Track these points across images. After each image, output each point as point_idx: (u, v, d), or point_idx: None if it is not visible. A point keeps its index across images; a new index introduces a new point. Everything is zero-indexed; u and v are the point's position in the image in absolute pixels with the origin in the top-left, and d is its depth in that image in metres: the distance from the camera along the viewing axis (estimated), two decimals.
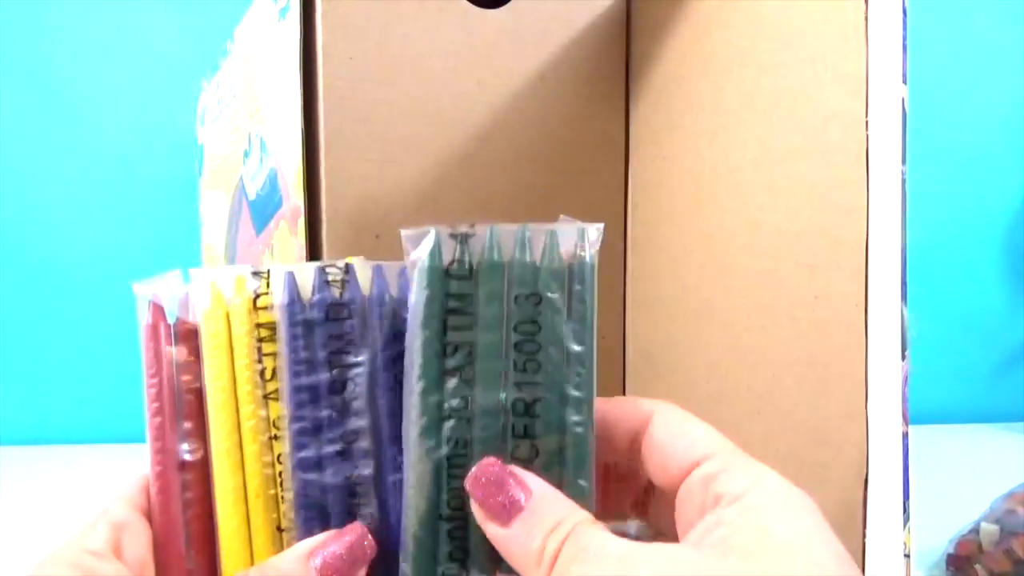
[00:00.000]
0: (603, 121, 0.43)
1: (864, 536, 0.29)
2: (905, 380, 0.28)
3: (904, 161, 0.28)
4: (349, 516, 0.24)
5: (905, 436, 0.28)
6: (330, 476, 0.24)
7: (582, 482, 0.22)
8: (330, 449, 0.24)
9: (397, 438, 0.24)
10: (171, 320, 0.26)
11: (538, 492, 0.21)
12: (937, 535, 0.44)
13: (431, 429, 0.22)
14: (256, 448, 0.24)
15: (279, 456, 0.24)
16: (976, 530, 0.42)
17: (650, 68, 0.42)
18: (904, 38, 0.28)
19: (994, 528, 0.42)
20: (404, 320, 0.23)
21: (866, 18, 0.28)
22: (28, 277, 0.78)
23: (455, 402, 0.22)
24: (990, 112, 0.85)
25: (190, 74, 0.61)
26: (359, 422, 0.24)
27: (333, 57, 0.36)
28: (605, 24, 0.43)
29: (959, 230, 0.86)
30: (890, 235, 0.28)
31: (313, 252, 0.36)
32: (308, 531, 0.24)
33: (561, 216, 0.24)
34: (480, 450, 0.22)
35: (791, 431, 0.33)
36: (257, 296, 0.25)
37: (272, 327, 0.25)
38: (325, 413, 0.24)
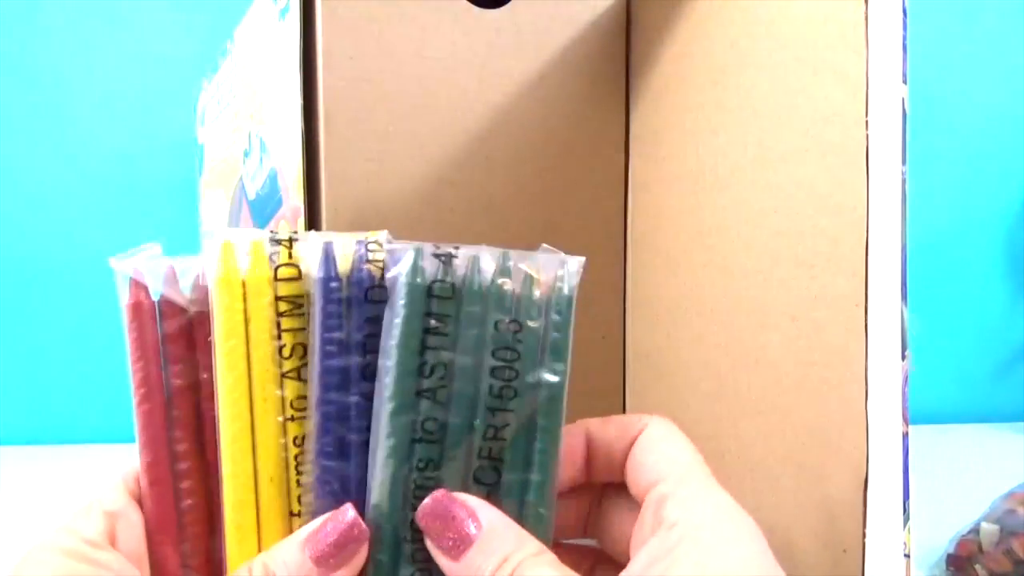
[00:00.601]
0: (603, 121, 0.43)
1: (864, 536, 0.29)
2: (905, 380, 0.28)
3: (904, 161, 0.28)
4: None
5: (905, 436, 0.28)
6: (353, 466, 0.23)
7: (542, 510, 0.22)
8: (355, 437, 0.23)
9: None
10: (155, 298, 0.24)
11: (488, 526, 0.21)
12: (937, 535, 0.44)
13: (399, 449, 0.22)
14: (272, 429, 0.23)
15: (294, 438, 0.23)
16: (976, 530, 0.42)
17: (650, 68, 0.42)
18: (904, 38, 0.28)
19: (994, 528, 0.41)
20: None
21: (866, 18, 0.28)
22: (28, 277, 0.78)
23: (428, 424, 0.22)
24: (990, 112, 0.85)
25: (190, 74, 0.61)
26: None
27: (333, 57, 0.36)
28: (605, 24, 0.43)
29: (959, 230, 0.86)
30: (890, 235, 0.28)
31: None
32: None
33: (543, 245, 0.24)
34: (447, 473, 0.22)
35: (791, 431, 0.33)
36: (278, 267, 0.23)
37: (293, 301, 0.23)
38: (354, 399, 0.23)
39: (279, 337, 0.23)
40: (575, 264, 0.23)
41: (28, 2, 0.76)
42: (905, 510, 0.28)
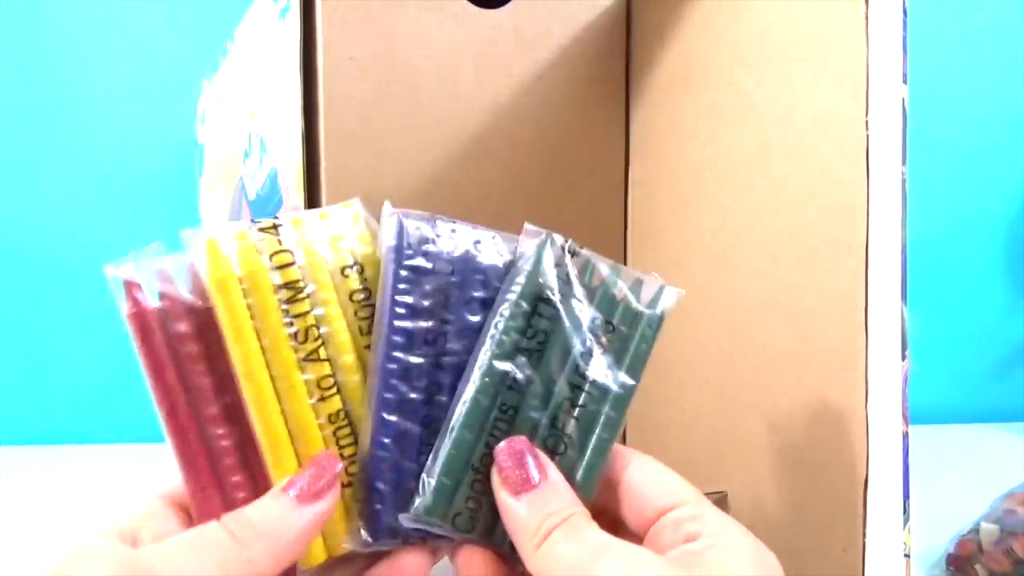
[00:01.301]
0: (603, 121, 0.43)
1: (864, 536, 0.29)
2: (905, 380, 0.28)
3: (904, 161, 0.28)
4: (419, 467, 0.24)
5: (905, 436, 0.28)
6: (409, 422, 0.24)
7: (589, 487, 0.25)
8: (416, 396, 0.24)
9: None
10: (156, 302, 0.23)
11: (552, 479, 0.23)
12: (937, 535, 0.44)
13: (488, 389, 0.24)
14: (306, 414, 0.23)
15: (329, 416, 0.24)
16: (976, 530, 0.42)
17: (650, 68, 0.42)
18: (904, 38, 0.28)
19: (994, 528, 0.41)
20: (494, 288, 0.25)
21: (866, 18, 0.28)
22: (28, 277, 0.78)
23: (519, 376, 0.24)
24: (990, 112, 0.85)
25: (190, 74, 0.61)
26: (445, 376, 0.25)
27: (333, 57, 0.36)
28: (605, 24, 0.43)
29: (959, 230, 0.86)
30: (890, 235, 0.28)
31: None
32: (379, 475, 0.24)
33: (653, 273, 0.27)
34: (520, 427, 0.24)
35: (791, 431, 0.33)
36: (273, 255, 0.23)
37: (293, 287, 0.23)
38: (416, 362, 0.24)
39: (292, 324, 0.23)
40: (673, 295, 0.27)
41: (29, 2, 0.76)
42: (905, 510, 0.28)
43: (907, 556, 0.28)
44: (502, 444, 0.24)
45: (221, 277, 0.22)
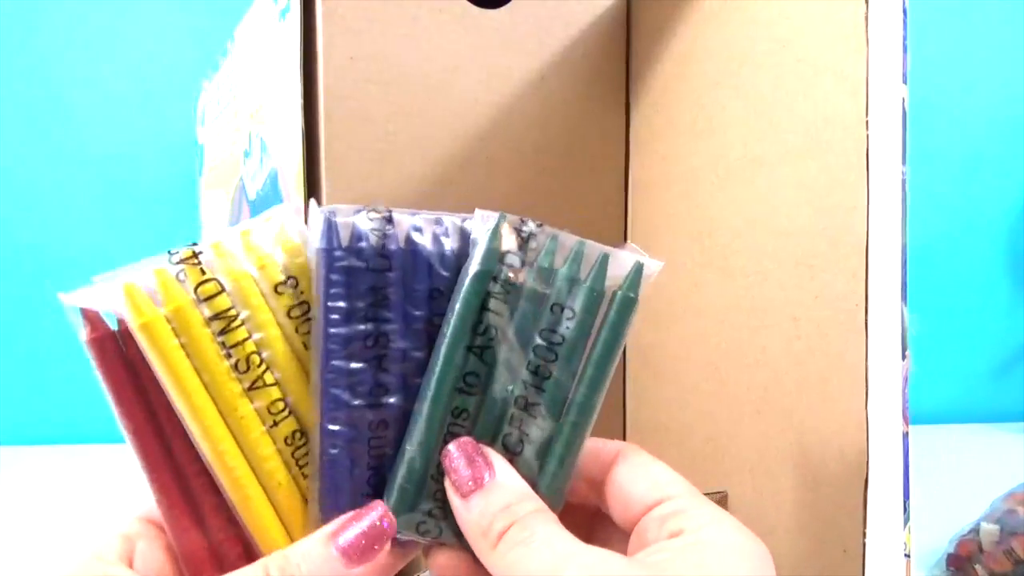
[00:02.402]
0: (603, 121, 0.43)
1: (864, 536, 0.29)
2: (905, 380, 0.28)
3: (904, 161, 0.28)
4: (372, 472, 0.23)
5: (905, 436, 0.28)
6: (356, 430, 0.23)
7: (555, 488, 0.23)
8: (359, 402, 0.23)
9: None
10: (114, 325, 0.23)
11: (500, 477, 0.22)
12: (937, 535, 0.44)
13: (442, 394, 0.23)
14: (261, 443, 0.23)
15: (285, 439, 0.23)
16: (976, 530, 0.42)
17: (650, 68, 0.42)
18: (904, 38, 0.28)
19: (994, 528, 0.42)
20: (440, 277, 0.24)
21: (866, 18, 0.28)
22: (28, 277, 0.78)
23: (469, 378, 0.23)
24: (990, 112, 0.85)
25: (190, 74, 0.61)
26: (390, 378, 0.24)
27: (333, 57, 0.36)
28: (605, 24, 0.43)
29: (959, 230, 0.86)
30: (890, 235, 0.28)
31: None
32: (333, 486, 0.23)
33: (629, 243, 0.25)
34: (479, 428, 0.24)
35: (791, 431, 0.33)
36: (197, 287, 0.22)
37: (224, 316, 0.22)
38: (358, 366, 0.23)
39: (229, 356, 0.23)
40: (649, 268, 0.24)
41: (29, 3, 0.76)
42: (905, 510, 0.28)
43: (907, 556, 0.28)
44: (449, 447, 0.23)
45: (145, 321, 0.22)
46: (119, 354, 0.23)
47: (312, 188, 0.36)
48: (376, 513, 0.22)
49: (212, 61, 0.51)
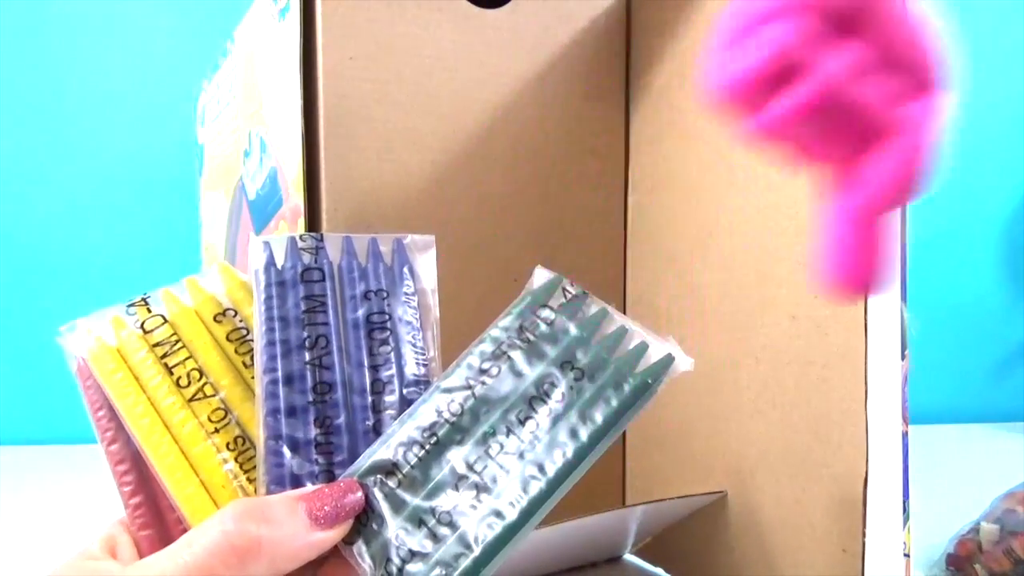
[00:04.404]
0: (603, 121, 0.43)
1: (863, 535, 0.29)
2: (905, 380, 0.28)
3: None
4: (320, 466, 0.24)
5: (905, 436, 0.28)
6: (302, 425, 0.25)
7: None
8: (302, 400, 0.25)
9: (364, 390, 0.25)
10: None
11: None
12: (937, 535, 0.44)
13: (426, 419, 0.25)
14: (204, 449, 0.25)
15: (227, 444, 0.25)
16: (976, 530, 0.42)
17: (650, 68, 0.42)
18: None
19: (994, 528, 0.41)
20: (370, 282, 0.26)
21: None
22: (28, 277, 0.78)
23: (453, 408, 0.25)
24: (990, 112, 0.85)
25: (190, 74, 0.61)
26: (330, 375, 0.25)
27: (333, 57, 0.36)
28: (605, 24, 0.43)
29: (959, 230, 0.86)
30: (890, 235, 0.28)
31: None
32: (278, 480, 0.24)
33: (670, 337, 0.25)
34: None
35: (791, 431, 0.33)
36: (143, 323, 0.26)
37: (167, 342, 0.26)
38: (297, 367, 0.25)
39: (171, 372, 0.26)
40: (686, 365, 0.24)
41: (29, 3, 0.76)
42: (905, 510, 0.28)
43: (907, 556, 0.28)
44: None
45: (96, 353, 0.26)
46: (95, 382, 0.26)
47: (312, 188, 0.36)
48: (350, 483, 0.23)
49: (212, 61, 0.51)
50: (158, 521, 0.25)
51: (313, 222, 0.36)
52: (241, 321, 0.27)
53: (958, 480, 0.59)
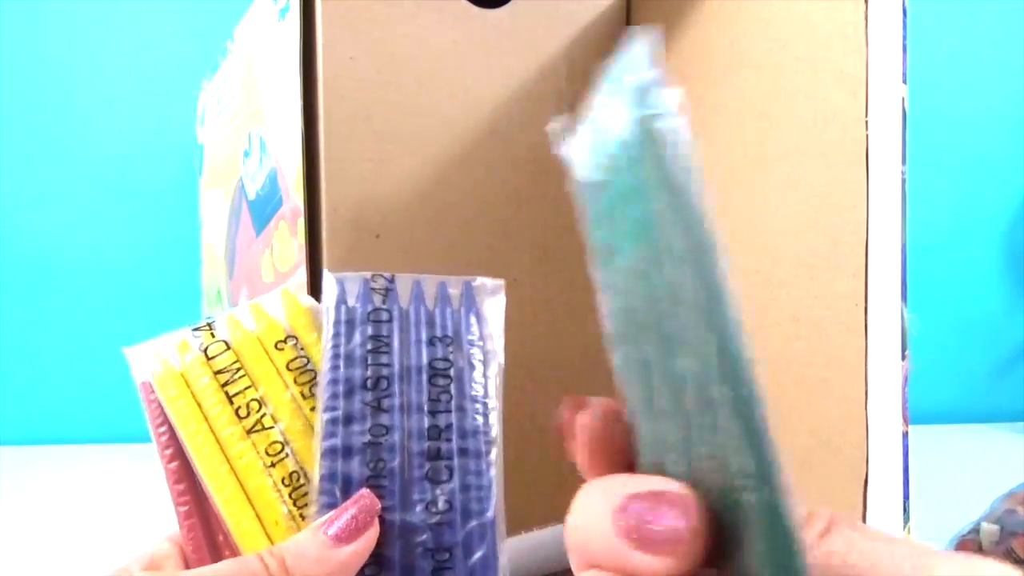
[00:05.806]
0: None
1: None
2: (905, 380, 0.28)
3: (904, 161, 0.28)
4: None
5: (905, 436, 0.28)
6: (356, 465, 0.25)
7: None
8: (360, 440, 0.25)
9: (421, 435, 0.25)
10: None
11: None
12: (937, 535, 0.44)
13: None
14: (260, 481, 0.25)
15: (282, 479, 0.25)
16: (976, 530, 0.42)
17: None
18: (904, 38, 0.28)
19: (994, 528, 0.41)
20: (436, 328, 0.27)
21: (866, 18, 0.28)
22: (28, 277, 0.78)
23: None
24: (990, 112, 0.85)
25: (190, 74, 0.61)
26: (388, 419, 0.25)
27: (333, 57, 0.36)
28: (605, 24, 0.43)
29: (959, 230, 0.86)
30: (890, 235, 0.28)
31: (313, 252, 0.36)
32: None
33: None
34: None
35: (791, 431, 0.33)
36: (206, 348, 0.27)
37: (229, 369, 0.26)
38: (358, 406, 0.25)
39: (231, 402, 0.26)
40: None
41: (29, 3, 0.76)
42: (905, 510, 0.28)
43: None
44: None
45: (161, 376, 0.26)
46: (158, 400, 0.27)
47: (311, 188, 0.36)
48: (364, 494, 0.24)
49: (212, 61, 0.51)
50: (210, 543, 0.26)
51: (313, 222, 0.36)
52: (301, 349, 0.27)
53: (958, 480, 0.59)
